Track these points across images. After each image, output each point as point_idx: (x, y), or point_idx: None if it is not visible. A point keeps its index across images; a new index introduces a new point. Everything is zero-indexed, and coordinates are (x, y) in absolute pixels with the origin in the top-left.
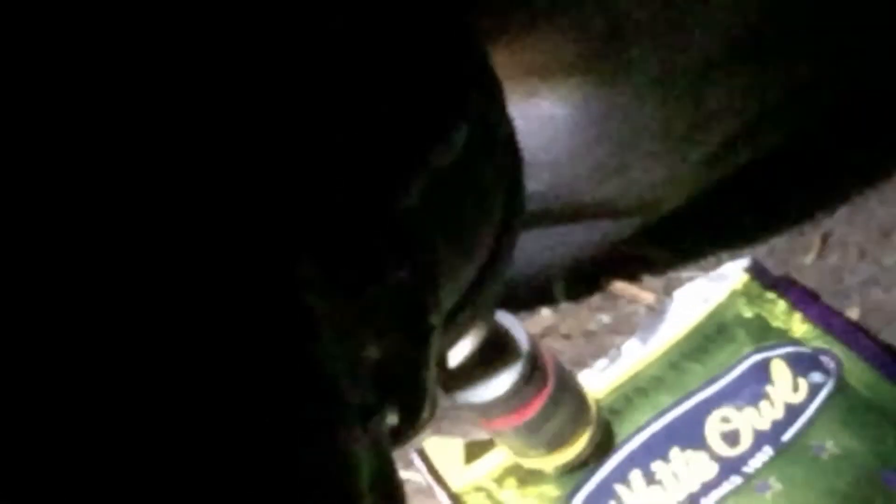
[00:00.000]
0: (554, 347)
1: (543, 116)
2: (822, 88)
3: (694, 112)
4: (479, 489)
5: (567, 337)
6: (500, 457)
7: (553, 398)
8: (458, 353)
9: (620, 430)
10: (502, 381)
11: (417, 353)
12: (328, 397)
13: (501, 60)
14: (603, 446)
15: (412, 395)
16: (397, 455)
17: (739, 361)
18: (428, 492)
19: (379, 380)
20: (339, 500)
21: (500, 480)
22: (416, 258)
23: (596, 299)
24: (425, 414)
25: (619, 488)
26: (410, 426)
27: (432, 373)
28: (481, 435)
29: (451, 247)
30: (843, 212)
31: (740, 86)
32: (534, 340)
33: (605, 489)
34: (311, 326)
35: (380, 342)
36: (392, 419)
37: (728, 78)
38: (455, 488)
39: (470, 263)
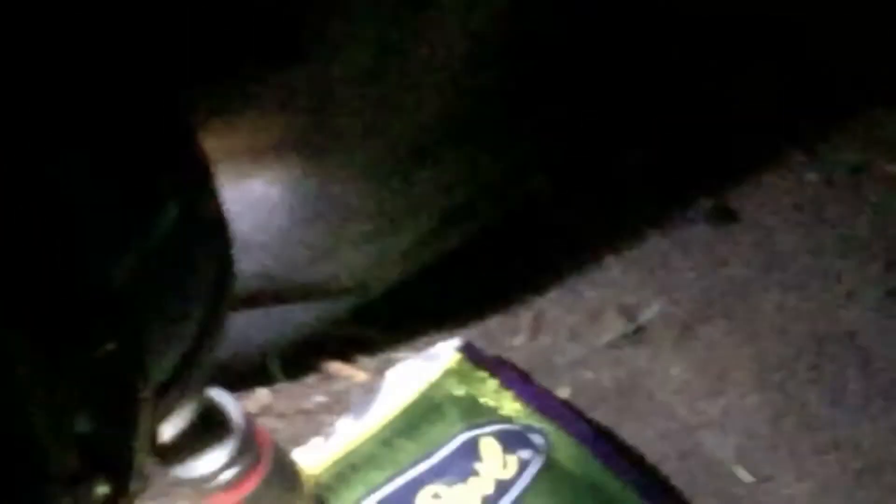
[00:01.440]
0: (270, 426)
1: (256, 198)
2: (530, 171)
3: (405, 193)
4: None
5: (282, 416)
6: None
7: (268, 475)
8: (172, 426)
9: None
10: (216, 457)
11: (126, 426)
12: (31, 460)
13: (212, 142)
14: None
15: (121, 467)
16: None
17: (450, 439)
18: None
19: (88, 451)
20: None
21: None
22: (125, 333)
23: (311, 378)
24: (134, 486)
25: None
26: (120, 496)
27: (142, 445)
28: None
29: (161, 323)
30: (554, 294)
31: (452, 168)
32: (248, 417)
33: None
34: (19, 398)
35: (89, 414)
36: (103, 489)
37: (440, 160)
38: None
39: (180, 340)
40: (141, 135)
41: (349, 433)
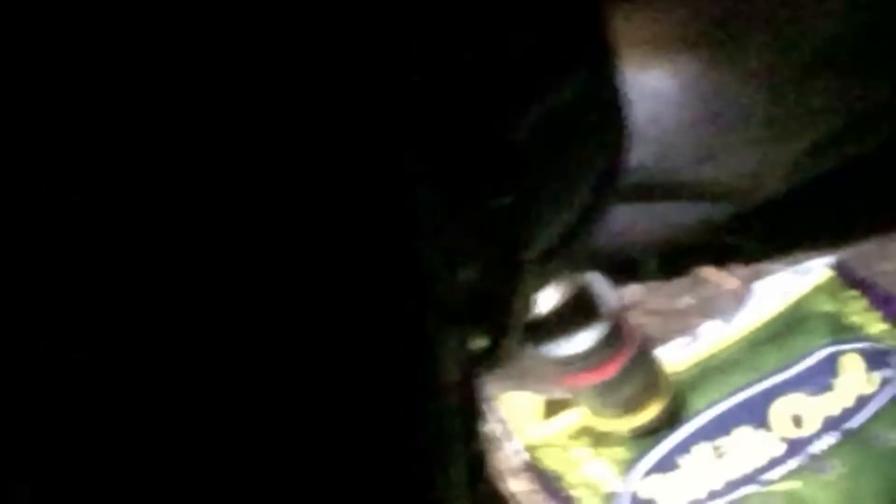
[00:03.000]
0: (638, 321)
1: (653, 89)
2: None
3: (799, 104)
4: (553, 444)
5: (652, 313)
6: (576, 416)
7: (632, 362)
8: (547, 302)
9: (693, 404)
10: (585, 338)
11: (510, 281)
12: (424, 291)
13: (619, 26)
14: (674, 416)
15: (502, 321)
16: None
17: (814, 350)
18: (504, 441)
19: (472, 300)
20: (422, 389)
21: (574, 438)
22: (520, 189)
23: (683, 280)
24: (509, 344)
25: (685, 458)
26: (496, 351)
27: (521, 307)
28: (560, 394)
29: (553, 186)
30: None
31: (848, 85)
32: (619, 304)
33: (671, 458)
34: (416, 224)
35: (476, 264)
36: (482, 341)
37: (837, 75)
38: (531, 440)
39: (567, 207)
40: (554, 4)
41: (715, 336)
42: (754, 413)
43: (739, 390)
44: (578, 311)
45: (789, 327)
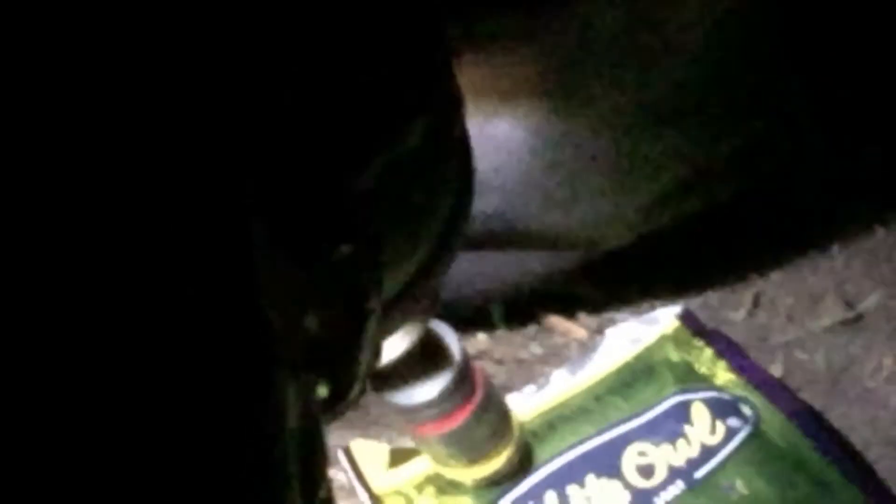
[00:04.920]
0: (485, 371)
1: (499, 138)
2: (770, 150)
3: (646, 153)
4: (399, 493)
5: (499, 362)
6: (422, 465)
7: (478, 411)
8: (393, 350)
9: (540, 453)
10: (432, 387)
11: (354, 332)
12: (262, 343)
13: (466, 75)
14: (522, 466)
15: (345, 371)
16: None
17: (662, 400)
18: (349, 490)
19: (315, 349)
20: (261, 441)
21: (419, 488)
22: (363, 238)
23: (530, 329)
24: (353, 394)
25: None
26: (339, 401)
27: (365, 357)
28: (406, 443)
29: (397, 235)
30: (776, 274)
31: (694, 134)
32: (466, 352)
33: None
34: (256, 280)
35: (319, 314)
36: (323, 390)
37: (683, 124)
38: (376, 490)
39: (413, 255)
40: (400, 51)
41: (563, 385)
42: (605, 462)
43: (588, 439)
44: (424, 360)
45: (637, 376)
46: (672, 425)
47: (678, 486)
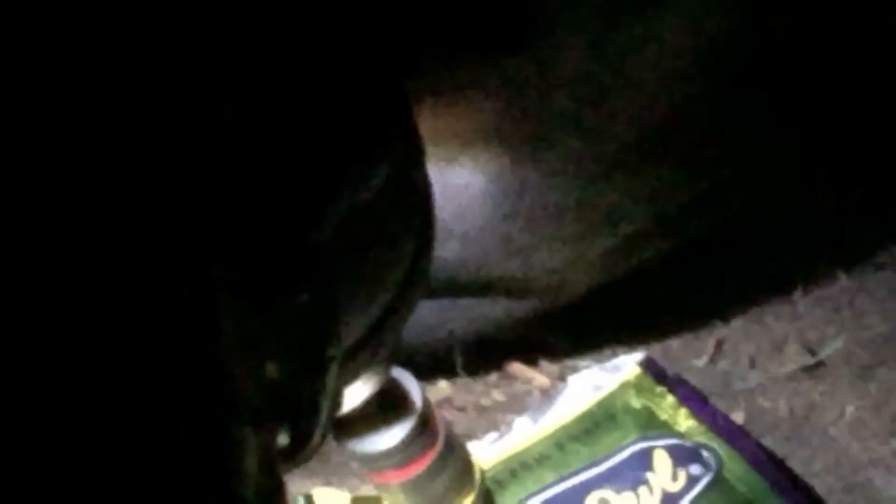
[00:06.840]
0: (447, 418)
1: (459, 185)
2: (731, 195)
3: (607, 199)
4: None
5: (460, 409)
6: None
7: (440, 458)
8: (354, 398)
9: (502, 501)
10: (393, 435)
11: (313, 381)
12: (221, 392)
13: (426, 122)
14: None
15: (306, 418)
16: None
17: (623, 447)
18: None
19: (274, 398)
20: (220, 491)
21: None
22: (322, 287)
23: (492, 376)
24: (314, 442)
25: None
26: (300, 449)
27: (326, 404)
28: (368, 491)
29: (358, 283)
30: (738, 321)
31: (655, 180)
32: (427, 400)
33: None
34: (215, 327)
35: (279, 362)
36: (284, 439)
37: (644, 170)
38: None
39: (374, 303)
40: (358, 104)
41: (524, 433)
42: None
43: (550, 486)
44: (385, 408)
45: (599, 424)
46: (634, 472)
47: None
